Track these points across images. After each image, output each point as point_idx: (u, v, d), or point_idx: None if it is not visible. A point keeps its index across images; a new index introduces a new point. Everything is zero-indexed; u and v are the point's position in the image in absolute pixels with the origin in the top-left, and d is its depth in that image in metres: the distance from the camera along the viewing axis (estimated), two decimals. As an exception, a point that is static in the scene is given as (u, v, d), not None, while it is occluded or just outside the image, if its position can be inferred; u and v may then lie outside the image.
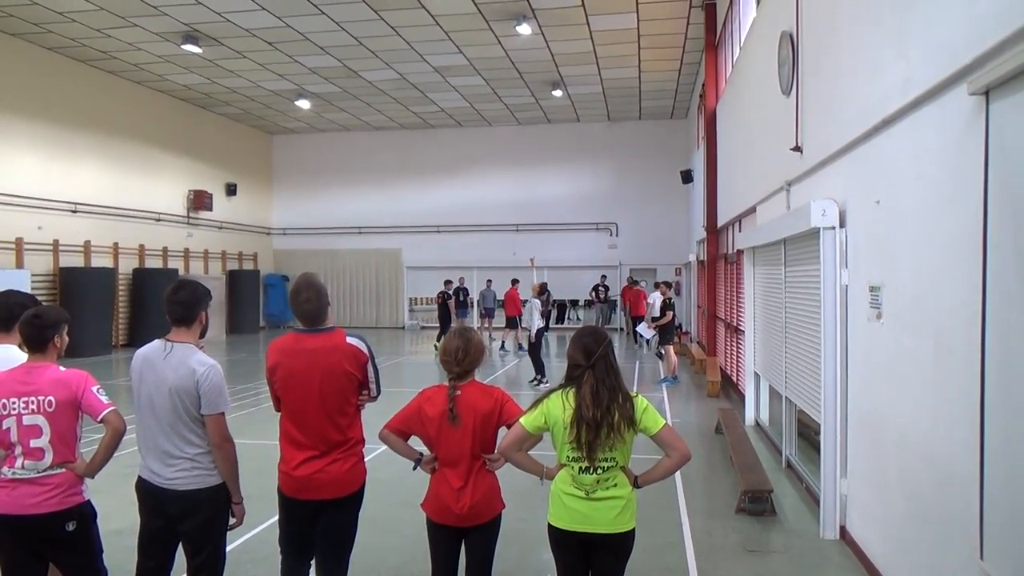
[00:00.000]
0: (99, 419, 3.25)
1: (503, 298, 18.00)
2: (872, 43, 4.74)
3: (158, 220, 20.19)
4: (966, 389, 3.30)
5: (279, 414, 3.60)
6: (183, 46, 15.95)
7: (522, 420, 3.21)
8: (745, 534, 5.60)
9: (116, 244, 18.55)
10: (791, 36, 7.10)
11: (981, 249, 3.09)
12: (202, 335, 3.47)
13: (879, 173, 4.67)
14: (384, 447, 3.51)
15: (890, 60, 4.37)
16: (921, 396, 3.96)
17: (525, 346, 14.77)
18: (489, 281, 21.61)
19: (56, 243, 16.72)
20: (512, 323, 17.24)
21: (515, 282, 17.35)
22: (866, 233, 4.97)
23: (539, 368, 12.75)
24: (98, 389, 3.30)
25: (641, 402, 3.13)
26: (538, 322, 13.06)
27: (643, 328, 13.41)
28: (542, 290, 14.26)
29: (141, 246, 19.49)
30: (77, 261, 17.31)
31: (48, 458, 3.22)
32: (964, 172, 3.33)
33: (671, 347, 13.42)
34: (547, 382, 12.32)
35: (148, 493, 3.33)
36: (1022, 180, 2.79)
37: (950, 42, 3.48)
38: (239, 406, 10.38)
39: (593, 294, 23.51)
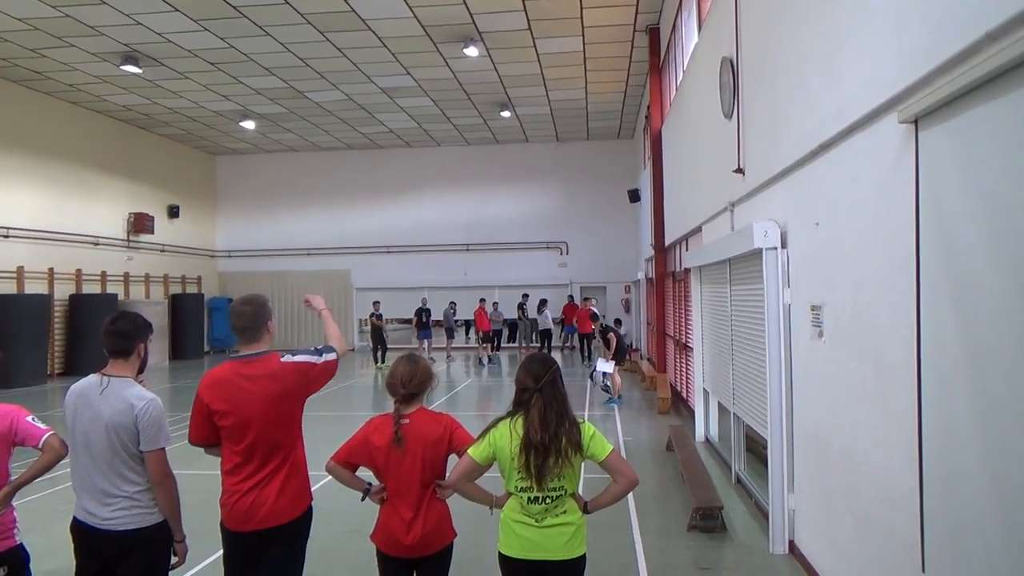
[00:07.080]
0: (40, 444, 3.13)
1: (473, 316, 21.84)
2: (807, 72, 4.90)
3: (96, 244, 19.57)
4: (904, 407, 3.39)
5: (196, 446, 3.44)
6: (122, 67, 15.58)
7: (470, 451, 3.20)
8: (697, 551, 5.65)
9: (51, 269, 17.89)
10: (731, 62, 7.29)
11: (915, 272, 3.20)
12: (141, 369, 3.35)
13: (817, 196, 4.81)
14: (331, 476, 3.43)
15: (824, 89, 4.52)
16: (862, 413, 4.06)
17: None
18: (452, 303, 21.61)
19: (-14, 269, 16.08)
20: (487, 337, 21.20)
21: (482, 301, 21.54)
22: (806, 254, 5.11)
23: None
24: (32, 418, 3.20)
25: (588, 428, 3.16)
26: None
27: (602, 364, 13.17)
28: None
29: (78, 271, 18.85)
30: (9, 288, 16.64)
31: None
32: (897, 197, 3.45)
33: (616, 368, 13.33)
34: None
35: (84, 535, 3.19)
36: (951, 205, 2.90)
37: (881, 73, 3.62)
38: (181, 435, 10.04)
39: (519, 312, 23.43)
